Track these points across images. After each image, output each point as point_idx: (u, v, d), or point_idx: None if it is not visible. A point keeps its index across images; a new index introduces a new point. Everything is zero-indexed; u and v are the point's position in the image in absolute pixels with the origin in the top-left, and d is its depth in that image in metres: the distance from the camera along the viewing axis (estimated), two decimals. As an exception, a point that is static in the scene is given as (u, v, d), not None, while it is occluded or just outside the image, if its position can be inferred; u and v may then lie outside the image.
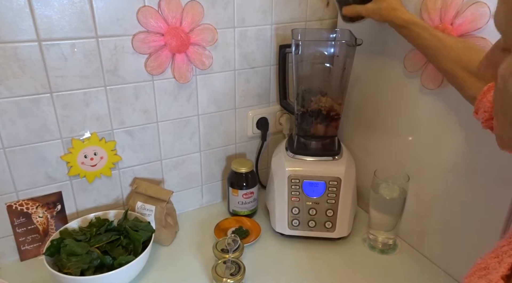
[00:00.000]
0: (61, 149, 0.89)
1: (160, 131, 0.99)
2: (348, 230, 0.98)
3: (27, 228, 0.90)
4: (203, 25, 0.92)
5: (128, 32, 0.85)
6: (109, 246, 0.85)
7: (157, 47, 0.88)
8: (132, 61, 0.88)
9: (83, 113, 0.88)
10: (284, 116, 1.14)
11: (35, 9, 0.76)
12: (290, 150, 1.01)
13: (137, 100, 0.93)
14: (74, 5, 0.79)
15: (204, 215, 1.10)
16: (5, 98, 0.79)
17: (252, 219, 1.06)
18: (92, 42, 0.83)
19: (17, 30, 0.76)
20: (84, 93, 0.86)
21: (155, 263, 0.92)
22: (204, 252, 0.94)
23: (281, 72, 1.04)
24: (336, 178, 0.93)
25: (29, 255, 0.92)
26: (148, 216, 0.95)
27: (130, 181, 1.00)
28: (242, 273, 0.82)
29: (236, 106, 1.07)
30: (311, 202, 0.95)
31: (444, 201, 0.86)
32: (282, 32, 1.04)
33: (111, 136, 0.93)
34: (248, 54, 1.03)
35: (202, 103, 1.02)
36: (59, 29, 0.79)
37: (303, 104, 1.01)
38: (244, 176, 1.05)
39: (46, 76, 0.81)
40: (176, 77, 0.94)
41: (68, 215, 0.95)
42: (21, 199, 0.88)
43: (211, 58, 0.96)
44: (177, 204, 1.06)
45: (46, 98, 0.83)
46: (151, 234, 0.89)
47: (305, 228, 0.96)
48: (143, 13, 0.84)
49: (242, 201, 1.06)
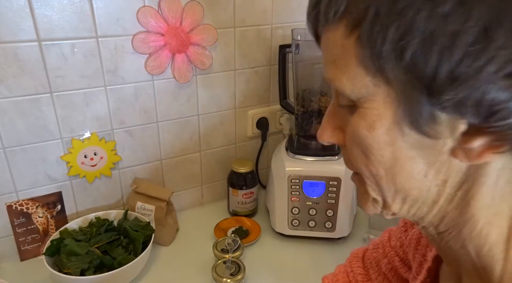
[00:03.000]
0: (61, 149, 0.89)
1: (160, 131, 0.99)
2: (348, 230, 0.98)
3: (27, 228, 0.90)
4: (203, 25, 0.92)
5: (128, 32, 0.85)
6: (109, 246, 0.85)
7: (157, 47, 0.88)
8: (132, 61, 0.88)
9: (83, 113, 0.88)
10: (284, 116, 1.14)
11: (35, 9, 0.76)
12: (290, 150, 1.01)
13: (137, 100, 0.93)
14: (74, 5, 0.79)
15: (204, 215, 1.10)
16: (5, 98, 0.79)
17: (252, 219, 1.06)
18: (92, 42, 0.83)
19: (17, 30, 0.76)
20: (84, 93, 0.86)
21: (155, 263, 0.92)
22: (204, 252, 0.94)
23: (281, 72, 1.04)
24: (336, 178, 0.93)
25: (29, 255, 0.92)
26: (148, 216, 0.95)
27: (130, 181, 1.00)
28: (242, 273, 0.82)
29: (236, 106, 1.07)
30: (311, 202, 0.95)
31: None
32: (282, 32, 1.04)
33: (111, 136, 0.93)
34: (248, 54, 1.03)
35: (202, 103, 1.02)
36: (59, 29, 0.79)
37: (303, 104, 1.01)
38: (244, 176, 1.05)
39: (46, 76, 0.81)
40: (176, 77, 0.94)
41: (68, 215, 0.95)
42: (21, 199, 0.88)
43: (211, 58, 0.96)
44: (177, 204, 1.06)
45: (46, 98, 0.83)
46: (151, 234, 0.89)
47: (305, 228, 0.96)
48: (143, 13, 0.84)
49: (242, 201, 1.06)
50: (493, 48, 0.25)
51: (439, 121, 0.29)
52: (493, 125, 0.28)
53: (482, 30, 0.25)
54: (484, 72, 0.26)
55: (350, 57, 0.31)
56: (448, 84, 0.27)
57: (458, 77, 0.26)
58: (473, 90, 0.27)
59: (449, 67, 0.26)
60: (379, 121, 0.32)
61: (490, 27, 0.25)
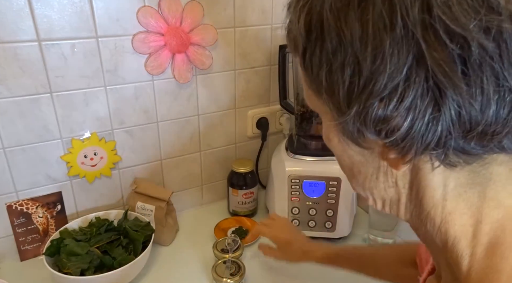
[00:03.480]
0: (61, 149, 0.89)
1: (160, 131, 0.99)
2: (348, 230, 0.98)
3: (27, 228, 0.90)
4: (203, 25, 0.92)
5: (128, 32, 0.85)
6: (109, 246, 0.85)
7: (157, 47, 0.88)
8: (132, 61, 0.88)
9: (83, 113, 0.88)
10: (284, 116, 1.14)
11: (35, 9, 0.76)
12: (290, 150, 1.01)
13: (137, 100, 0.93)
14: (74, 5, 0.79)
15: (204, 215, 1.10)
16: (5, 98, 0.79)
17: (252, 219, 1.06)
18: (92, 42, 0.83)
19: (17, 30, 0.76)
20: (84, 93, 0.86)
21: (155, 263, 0.92)
22: (204, 252, 0.94)
23: (281, 72, 1.04)
24: (336, 178, 0.93)
25: (29, 255, 0.92)
26: (148, 216, 0.95)
27: (130, 181, 1.00)
28: (242, 273, 0.82)
29: (236, 106, 1.07)
30: (311, 202, 0.95)
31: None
32: (282, 32, 1.04)
33: (111, 136, 0.93)
34: (248, 54, 1.03)
35: (202, 103, 1.02)
36: (59, 29, 0.79)
37: (303, 104, 1.01)
38: (244, 176, 1.05)
39: (46, 76, 0.81)
40: (176, 77, 0.94)
41: (68, 215, 0.95)
42: (21, 199, 0.88)
43: (211, 58, 0.96)
44: (177, 204, 1.06)
45: (46, 98, 0.83)
46: (151, 234, 0.89)
47: (305, 228, 0.96)
48: (143, 13, 0.84)
49: (242, 201, 1.06)
50: (366, 76, 0.30)
51: (367, 136, 0.33)
52: (387, 141, 0.32)
53: (357, 66, 0.31)
54: (364, 93, 0.31)
55: (303, 82, 0.38)
56: (345, 105, 0.33)
57: (351, 99, 0.32)
58: (361, 109, 0.32)
59: (343, 91, 0.32)
60: (331, 133, 0.38)
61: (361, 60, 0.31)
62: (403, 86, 0.29)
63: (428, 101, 0.29)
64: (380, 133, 0.32)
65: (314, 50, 0.33)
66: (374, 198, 0.40)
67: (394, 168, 0.35)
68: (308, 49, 0.34)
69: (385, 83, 0.30)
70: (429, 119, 0.30)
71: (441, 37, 0.27)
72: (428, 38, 0.28)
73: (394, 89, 0.30)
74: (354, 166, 0.39)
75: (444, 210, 0.36)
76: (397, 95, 0.30)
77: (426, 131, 0.30)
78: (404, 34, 0.28)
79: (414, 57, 0.29)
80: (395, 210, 0.40)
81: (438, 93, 0.29)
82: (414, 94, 0.29)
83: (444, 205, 0.36)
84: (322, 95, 0.35)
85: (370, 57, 0.30)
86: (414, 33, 0.28)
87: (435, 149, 0.31)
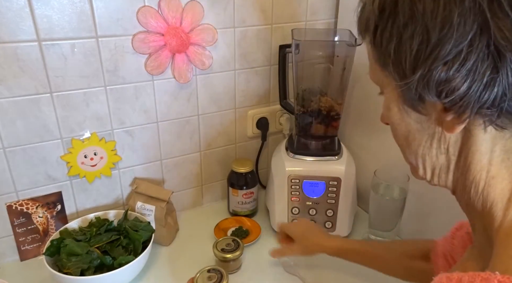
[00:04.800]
0: (61, 149, 0.89)
1: (160, 131, 0.99)
2: (348, 230, 0.98)
3: (27, 228, 0.90)
4: (203, 25, 0.92)
5: (128, 32, 0.85)
6: (109, 246, 0.85)
7: (157, 47, 0.88)
8: (132, 61, 0.88)
9: (83, 113, 0.88)
10: (284, 116, 1.14)
11: (35, 9, 0.76)
12: (290, 150, 1.01)
13: (137, 100, 0.93)
14: (74, 5, 0.79)
15: (204, 215, 1.10)
16: (5, 98, 0.79)
17: (252, 219, 1.06)
18: (92, 42, 0.83)
19: (17, 30, 0.76)
20: (84, 93, 0.86)
21: (155, 263, 0.92)
22: (204, 252, 0.94)
23: (281, 72, 1.04)
24: (336, 178, 0.93)
25: (29, 255, 0.92)
26: (148, 216, 0.95)
27: (130, 181, 1.00)
28: (225, 280, 0.77)
29: (236, 106, 1.07)
30: (311, 202, 0.95)
31: (444, 201, 0.86)
32: (282, 32, 1.04)
33: (111, 136, 0.93)
34: (248, 54, 1.03)
35: (202, 103, 1.02)
36: (59, 29, 0.79)
37: (303, 104, 1.01)
38: (244, 176, 1.05)
39: (46, 76, 0.81)
40: (176, 77, 0.94)
41: (68, 215, 0.95)
42: (21, 199, 0.88)
43: (211, 58, 0.96)
44: (177, 204, 1.06)
45: (46, 98, 0.83)
46: (151, 234, 0.89)
47: (305, 228, 0.96)
48: (143, 13, 0.84)
49: (242, 201, 1.06)
50: (433, 43, 0.35)
51: (426, 102, 0.39)
52: (446, 101, 0.37)
53: (426, 35, 0.36)
54: (430, 58, 0.35)
55: (371, 57, 0.44)
56: (410, 71, 0.37)
57: (416, 65, 0.37)
58: (425, 72, 0.36)
59: (410, 58, 0.37)
60: (391, 103, 0.43)
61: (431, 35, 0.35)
62: (466, 51, 0.34)
63: (487, 64, 0.34)
64: (441, 94, 0.36)
65: (385, 25, 0.38)
66: (425, 166, 0.44)
67: (450, 131, 0.39)
68: (380, 25, 0.39)
69: (450, 48, 0.34)
70: (487, 80, 0.34)
71: (504, 9, 0.32)
72: (493, 9, 0.33)
73: (458, 54, 0.34)
74: (410, 134, 0.43)
75: (489, 174, 0.40)
76: (460, 59, 0.34)
77: (484, 92, 0.35)
78: (472, 6, 0.33)
79: (478, 26, 0.33)
80: (444, 179, 0.44)
81: (498, 57, 0.33)
82: (475, 58, 0.34)
83: (489, 169, 0.40)
84: (388, 67, 0.40)
85: (439, 26, 0.34)
86: (481, 4, 0.33)
87: (490, 108, 0.35)
